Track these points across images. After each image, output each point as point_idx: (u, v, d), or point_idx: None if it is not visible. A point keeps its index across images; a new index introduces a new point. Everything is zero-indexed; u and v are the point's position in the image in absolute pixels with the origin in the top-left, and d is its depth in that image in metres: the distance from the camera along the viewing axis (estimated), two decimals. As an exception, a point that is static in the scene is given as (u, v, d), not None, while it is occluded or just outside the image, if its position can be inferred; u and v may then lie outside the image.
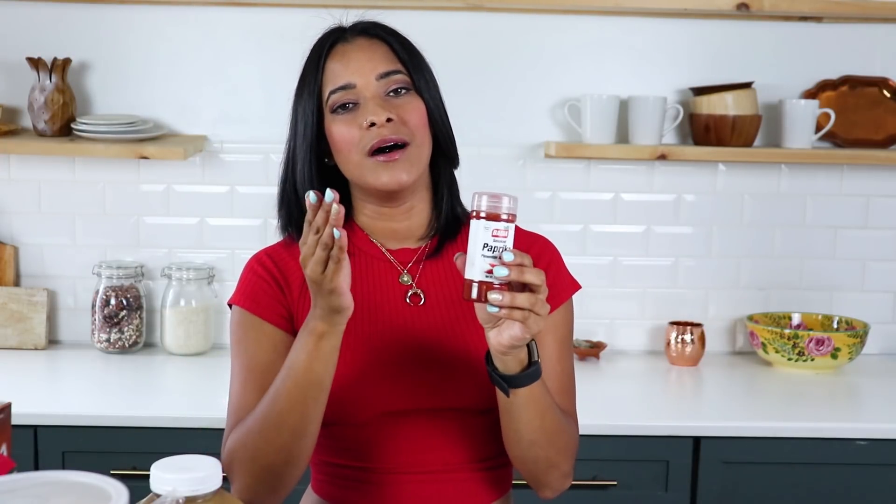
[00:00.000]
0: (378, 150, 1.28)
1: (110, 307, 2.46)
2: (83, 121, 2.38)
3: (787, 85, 2.57)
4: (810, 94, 2.56)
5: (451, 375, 1.28)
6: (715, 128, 2.44)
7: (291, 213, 1.36)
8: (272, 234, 1.45)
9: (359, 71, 1.29)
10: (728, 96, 2.43)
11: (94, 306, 2.48)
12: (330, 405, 1.26)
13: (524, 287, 1.08)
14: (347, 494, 1.31)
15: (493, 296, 1.06)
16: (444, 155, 1.36)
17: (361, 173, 1.29)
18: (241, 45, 2.51)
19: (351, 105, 1.30)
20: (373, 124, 1.27)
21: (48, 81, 2.40)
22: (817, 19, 2.53)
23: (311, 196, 1.11)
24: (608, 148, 2.44)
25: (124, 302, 2.47)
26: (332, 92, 1.30)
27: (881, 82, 2.57)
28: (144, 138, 2.39)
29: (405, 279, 1.34)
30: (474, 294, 1.07)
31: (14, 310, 2.49)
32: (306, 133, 1.32)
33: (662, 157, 2.43)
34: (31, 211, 2.54)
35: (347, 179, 1.35)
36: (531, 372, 1.17)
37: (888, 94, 2.57)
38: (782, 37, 2.56)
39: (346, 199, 1.36)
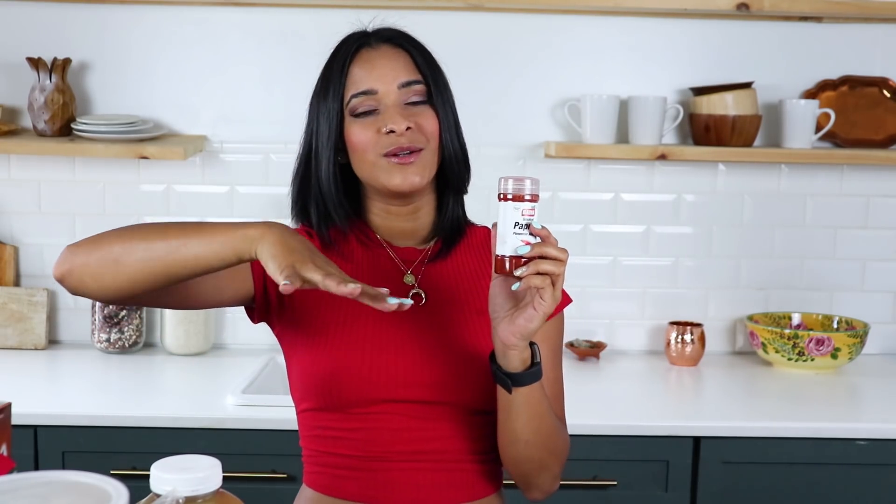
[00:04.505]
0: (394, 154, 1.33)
1: (110, 307, 2.46)
2: (83, 121, 2.38)
3: (787, 85, 2.57)
4: (810, 94, 2.56)
5: (449, 373, 1.31)
6: (715, 128, 2.44)
7: (308, 208, 1.40)
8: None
9: (382, 78, 1.34)
10: (728, 96, 2.43)
11: (94, 306, 2.48)
12: (327, 390, 1.29)
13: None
14: (342, 484, 1.32)
15: (521, 269, 1.15)
16: (450, 171, 1.39)
17: (375, 173, 1.34)
18: (241, 45, 2.51)
19: (371, 110, 1.34)
20: (392, 131, 1.32)
21: (48, 81, 2.40)
22: (817, 19, 2.54)
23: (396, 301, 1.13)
24: (608, 148, 2.44)
25: (124, 302, 2.47)
26: (354, 96, 1.34)
27: (881, 82, 2.57)
28: (144, 138, 2.39)
29: (408, 279, 1.38)
30: (507, 267, 1.16)
31: (14, 310, 2.49)
32: (330, 133, 1.36)
33: (662, 157, 2.43)
34: (31, 211, 2.54)
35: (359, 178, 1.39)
36: (534, 371, 1.22)
37: (888, 94, 2.57)
38: (782, 37, 2.56)
39: (357, 197, 1.42)
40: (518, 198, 1.15)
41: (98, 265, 1.21)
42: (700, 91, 2.48)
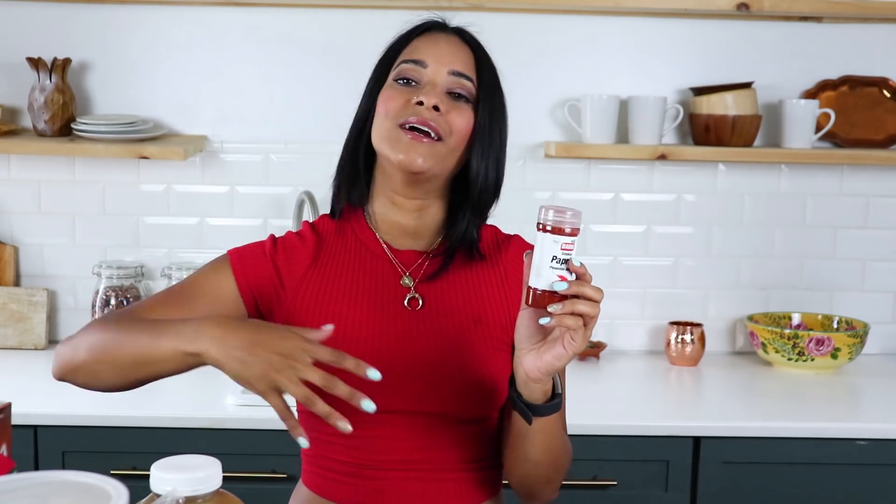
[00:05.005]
0: (410, 128, 1.29)
1: (110, 307, 2.46)
2: (83, 121, 2.38)
3: (787, 85, 2.57)
4: (810, 94, 2.56)
5: (443, 382, 1.29)
6: (715, 128, 2.44)
7: (342, 173, 1.38)
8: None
9: (438, 57, 1.32)
10: (728, 96, 2.43)
11: (94, 306, 2.48)
12: (319, 395, 1.26)
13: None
14: (337, 488, 1.32)
15: (555, 305, 1.10)
16: (478, 191, 1.34)
17: (383, 141, 1.30)
18: (241, 45, 2.51)
19: (413, 82, 1.32)
20: (420, 103, 1.29)
21: (48, 81, 2.40)
22: (817, 19, 2.54)
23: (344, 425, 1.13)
24: (608, 148, 2.44)
25: (124, 302, 2.47)
26: (405, 61, 1.33)
27: (881, 82, 2.57)
28: (144, 138, 2.39)
29: (406, 282, 1.35)
30: (539, 301, 1.12)
31: (14, 310, 2.49)
32: (368, 93, 1.36)
33: (662, 157, 2.43)
34: (31, 211, 2.54)
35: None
36: (555, 403, 1.21)
37: (888, 94, 2.57)
38: (782, 37, 2.56)
39: (368, 183, 1.39)
40: (558, 230, 1.10)
41: (88, 373, 1.36)
42: (700, 91, 2.48)
